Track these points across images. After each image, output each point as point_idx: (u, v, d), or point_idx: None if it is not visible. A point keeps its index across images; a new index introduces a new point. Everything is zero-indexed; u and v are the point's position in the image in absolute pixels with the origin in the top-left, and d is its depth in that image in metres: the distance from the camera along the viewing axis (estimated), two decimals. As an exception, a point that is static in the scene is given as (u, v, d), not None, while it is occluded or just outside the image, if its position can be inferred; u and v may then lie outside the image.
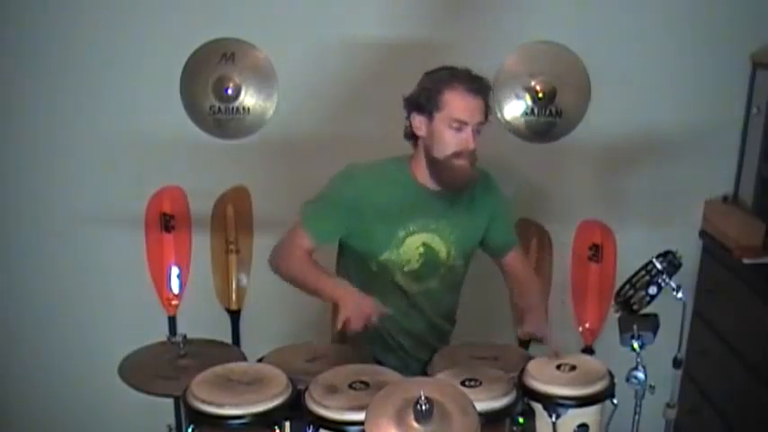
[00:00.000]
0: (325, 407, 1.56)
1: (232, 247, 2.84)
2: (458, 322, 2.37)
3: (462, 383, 1.66)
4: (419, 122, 2.01)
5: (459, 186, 2.05)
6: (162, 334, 2.25)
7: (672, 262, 1.74)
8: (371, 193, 2.06)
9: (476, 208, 2.15)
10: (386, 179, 2.09)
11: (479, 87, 1.99)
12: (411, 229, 2.08)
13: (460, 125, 1.96)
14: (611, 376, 1.74)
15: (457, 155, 1.98)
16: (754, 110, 2.66)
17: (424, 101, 1.99)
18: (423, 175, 2.07)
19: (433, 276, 2.13)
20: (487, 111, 2.02)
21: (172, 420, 2.16)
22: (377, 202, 2.05)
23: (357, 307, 1.90)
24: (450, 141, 1.97)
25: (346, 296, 1.94)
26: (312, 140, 2.78)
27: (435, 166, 2.02)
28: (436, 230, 2.09)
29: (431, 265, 2.11)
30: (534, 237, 2.79)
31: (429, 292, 2.14)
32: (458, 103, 1.95)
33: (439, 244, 2.10)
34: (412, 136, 2.06)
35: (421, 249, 2.09)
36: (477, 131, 1.99)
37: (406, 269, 2.10)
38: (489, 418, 1.53)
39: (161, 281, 2.82)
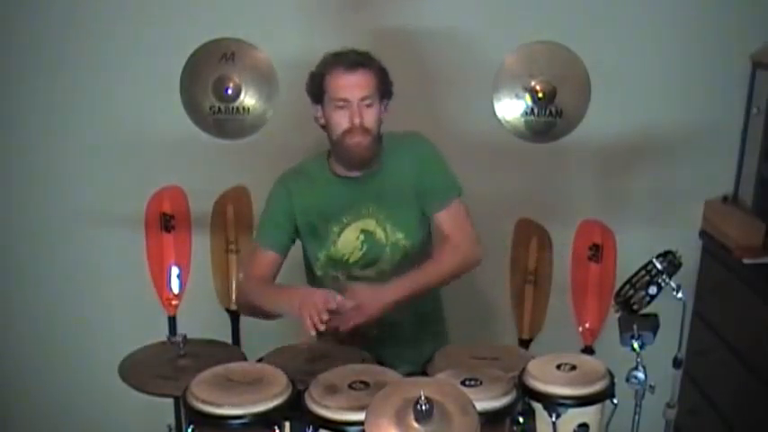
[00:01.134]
0: (325, 407, 1.56)
1: (232, 247, 2.84)
2: (458, 322, 2.37)
3: (462, 383, 1.66)
4: (318, 113, 2.09)
5: (359, 163, 2.07)
6: (162, 334, 2.26)
7: (672, 262, 1.74)
8: (295, 195, 2.13)
9: (397, 173, 2.11)
10: (306, 179, 2.15)
11: (357, 61, 2.00)
12: (344, 221, 2.10)
13: (344, 102, 2.00)
14: (612, 376, 1.74)
15: (348, 132, 2.01)
16: (754, 110, 2.66)
17: (314, 90, 2.06)
18: (336, 164, 2.12)
19: (381, 258, 2.12)
20: (382, 85, 2.04)
21: (172, 420, 2.16)
22: (303, 204, 2.12)
23: (312, 304, 1.84)
24: (339, 120, 2.02)
25: (299, 296, 1.89)
26: (312, 141, 2.77)
27: (335, 148, 2.08)
28: (368, 215, 2.10)
29: (374, 249, 2.12)
30: (534, 237, 2.78)
31: (382, 274, 2.11)
32: (335, 83, 2.01)
33: (373, 225, 2.11)
34: (323, 127, 2.11)
35: (361, 237, 2.11)
36: (366, 106, 2.00)
37: (351, 260, 2.12)
38: (489, 418, 1.53)
39: (161, 281, 2.81)
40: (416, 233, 2.15)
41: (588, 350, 2.72)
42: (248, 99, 2.79)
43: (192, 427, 1.59)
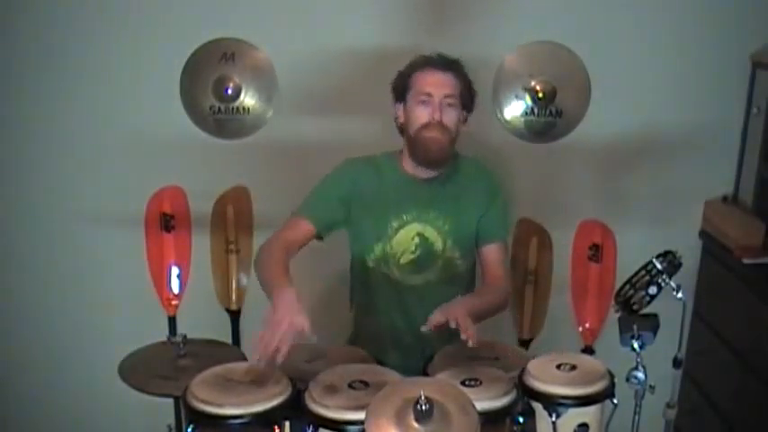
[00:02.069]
0: (325, 407, 1.56)
1: (232, 247, 2.84)
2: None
3: (462, 383, 1.66)
4: (399, 111, 2.12)
5: (433, 160, 2.09)
6: (162, 334, 2.26)
7: (672, 262, 1.74)
8: (361, 183, 2.13)
9: (473, 199, 2.17)
10: (376, 170, 2.16)
11: (446, 63, 2.07)
12: (404, 218, 2.11)
13: (426, 97, 2.03)
14: (612, 376, 1.74)
15: (425, 126, 2.04)
16: (754, 110, 2.66)
17: (399, 88, 2.10)
18: (408, 163, 2.14)
19: (430, 268, 2.14)
20: (466, 93, 2.09)
21: (172, 420, 2.16)
22: (367, 192, 2.11)
23: (282, 324, 1.66)
24: (419, 115, 2.05)
25: (282, 302, 1.72)
26: (312, 140, 2.78)
27: (411, 143, 2.10)
28: (428, 220, 2.12)
29: (427, 256, 2.13)
30: (534, 237, 2.78)
31: (428, 285, 2.15)
32: (423, 79, 2.06)
33: (432, 234, 2.12)
34: (400, 128, 2.15)
35: (416, 240, 2.12)
36: (447, 104, 2.04)
37: (402, 261, 2.12)
38: (489, 418, 1.53)
39: (161, 281, 2.81)
40: (470, 257, 2.20)
41: (588, 350, 2.72)
42: (248, 99, 2.79)
43: (192, 426, 1.59)
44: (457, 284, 2.20)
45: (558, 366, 1.74)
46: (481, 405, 1.47)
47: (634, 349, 1.70)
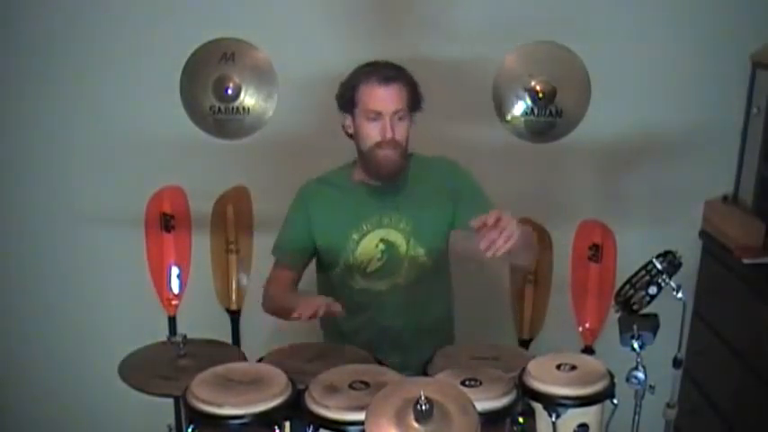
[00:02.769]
0: (325, 407, 1.56)
1: (232, 247, 2.84)
2: (458, 322, 2.37)
3: (462, 383, 1.66)
4: (348, 121, 2.09)
5: (388, 176, 2.08)
6: (162, 334, 2.26)
7: (672, 262, 1.74)
8: (314, 205, 2.15)
9: (433, 196, 2.15)
10: (328, 187, 2.17)
11: (391, 75, 2.01)
12: (365, 228, 2.11)
13: (376, 115, 2.00)
14: (612, 376, 1.74)
15: (378, 145, 2.02)
16: (754, 110, 2.66)
17: (346, 100, 2.06)
18: (360, 172, 2.13)
19: (398, 272, 2.13)
20: (413, 99, 2.05)
21: (172, 420, 2.16)
22: (324, 211, 2.13)
23: (309, 301, 1.87)
24: (370, 133, 2.03)
25: (304, 299, 1.92)
26: (312, 140, 2.78)
27: (363, 159, 2.09)
28: (390, 224, 2.11)
29: (394, 261, 2.13)
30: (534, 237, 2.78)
31: (396, 288, 2.14)
32: (369, 95, 2.01)
33: (396, 236, 2.12)
34: (350, 136, 2.12)
35: (381, 246, 2.11)
36: (397, 119, 2.02)
37: (368, 270, 2.12)
38: (489, 418, 1.53)
39: (161, 281, 2.81)
40: (435, 254, 2.18)
41: (588, 350, 2.72)
42: (248, 99, 2.79)
43: (192, 426, 1.59)
44: (424, 284, 2.18)
45: (558, 366, 1.74)
46: (481, 405, 1.47)
47: (634, 349, 1.70)
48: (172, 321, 2.84)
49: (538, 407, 1.68)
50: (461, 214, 2.12)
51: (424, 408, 1.31)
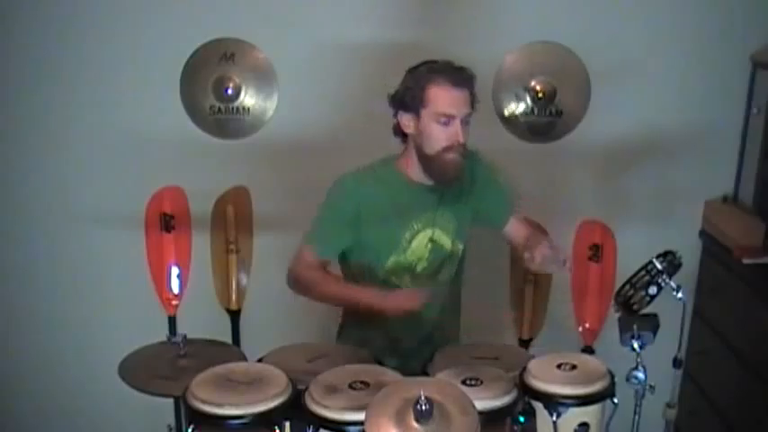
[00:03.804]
0: (325, 407, 1.56)
1: (232, 247, 2.84)
2: (461, 323, 2.36)
3: (463, 383, 1.66)
4: (407, 120, 2.02)
5: (451, 180, 2.06)
6: (162, 334, 2.25)
7: (672, 262, 1.74)
8: (369, 200, 2.06)
9: (469, 190, 2.15)
10: (378, 183, 2.08)
11: (462, 78, 1.98)
12: (415, 228, 2.08)
13: (448, 119, 1.96)
14: (612, 376, 1.74)
15: (448, 149, 1.98)
16: (754, 110, 2.66)
17: (409, 99, 1.99)
18: (414, 171, 2.08)
19: (443, 270, 2.14)
20: (473, 100, 2.01)
21: (172, 420, 2.16)
22: (376, 209, 2.05)
23: (401, 298, 1.93)
24: (439, 136, 1.98)
25: (384, 297, 1.96)
26: (312, 140, 2.78)
27: (427, 161, 2.03)
28: (437, 224, 2.10)
29: (440, 260, 2.12)
30: (534, 237, 2.78)
31: (437, 287, 2.13)
32: (442, 98, 1.95)
33: (442, 236, 2.11)
34: (400, 133, 2.07)
35: (429, 246, 2.10)
36: (465, 123, 1.99)
37: (418, 269, 2.10)
38: (490, 418, 1.53)
39: (161, 281, 2.82)
40: (466, 245, 2.19)
41: (588, 350, 2.72)
42: (248, 99, 2.79)
43: (192, 426, 1.59)
44: (456, 280, 2.21)
45: (559, 366, 1.74)
46: (481, 405, 1.47)
47: (634, 349, 1.70)
48: (172, 321, 2.84)
49: (538, 406, 1.68)
50: (488, 204, 2.18)
51: (424, 408, 1.31)
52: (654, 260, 1.74)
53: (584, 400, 1.67)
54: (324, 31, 2.70)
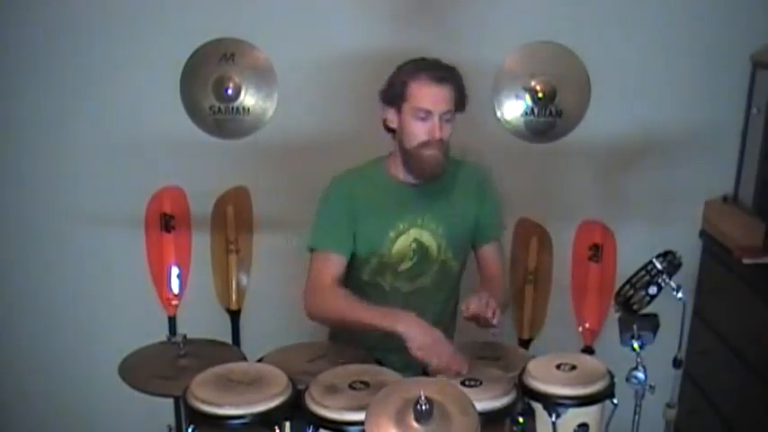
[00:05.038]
0: (325, 407, 1.56)
1: (232, 247, 2.84)
2: (458, 322, 2.36)
3: (462, 383, 1.66)
4: (391, 115, 2.05)
5: (430, 176, 2.05)
6: (162, 334, 2.26)
7: (672, 262, 1.74)
8: (357, 196, 2.08)
9: (462, 200, 2.15)
10: (364, 181, 2.12)
11: (444, 76, 1.99)
12: (401, 227, 2.09)
13: (426, 114, 1.97)
14: (612, 376, 1.74)
15: (425, 144, 1.99)
16: (754, 110, 2.66)
17: (392, 94, 2.02)
18: (399, 169, 2.10)
19: (426, 273, 2.13)
20: (460, 100, 2.02)
21: (172, 420, 2.16)
22: (364, 206, 2.07)
23: (441, 354, 1.77)
24: (417, 131, 1.99)
25: (410, 328, 1.80)
26: (312, 140, 2.78)
27: (406, 156, 2.05)
28: (423, 225, 2.10)
29: (424, 262, 2.12)
30: (534, 237, 2.79)
31: (422, 290, 2.13)
32: (421, 93, 1.97)
33: (429, 239, 2.11)
34: (390, 130, 2.09)
35: (414, 246, 2.10)
36: (445, 120, 1.99)
37: (400, 269, 2.11)
38: (489, 418, 1.53)
39: (161, 281, 2.82)
40: (462, 257, 2.18)
41: (588, 350, 2.72)
42: (248, 99, 2.79)
43: (192, 426, 1.59)
44: (446, 288, 2.19)
45: (558, 366, 1.74)
46: (481, 405, 1.47)
47: (634, 349, 1.70)
48: (172, 321, 2.84)
49: (538, 407, 1.68)
50: (479, 221, 2.17)
51: (424, 408, 1.31)
52: (654, 260, 1.74)
53: (583, 401, 1.67)
54: (324, 32, 2.70)
